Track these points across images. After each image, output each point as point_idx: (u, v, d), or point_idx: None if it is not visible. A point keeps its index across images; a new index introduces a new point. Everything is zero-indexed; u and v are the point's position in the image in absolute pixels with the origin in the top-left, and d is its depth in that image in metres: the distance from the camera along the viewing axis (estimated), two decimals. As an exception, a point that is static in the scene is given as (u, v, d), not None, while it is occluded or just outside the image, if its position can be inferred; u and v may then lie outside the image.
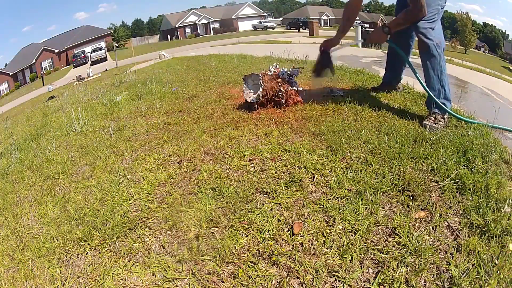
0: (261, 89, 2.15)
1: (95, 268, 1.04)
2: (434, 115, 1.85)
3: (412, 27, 1.85)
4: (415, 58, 2.06)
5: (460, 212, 1.08)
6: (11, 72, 33.23)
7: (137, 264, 1.03)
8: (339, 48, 2.21)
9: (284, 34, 24.37)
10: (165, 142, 1.94)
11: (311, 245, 1.00)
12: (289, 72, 2.34)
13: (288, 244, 1.02)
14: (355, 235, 1.01)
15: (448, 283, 0.83)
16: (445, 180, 1.23)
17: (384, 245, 0.97)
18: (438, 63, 1.82)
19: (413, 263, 0.89)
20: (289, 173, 1.39)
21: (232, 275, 0.94)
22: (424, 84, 1.89)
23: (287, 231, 1.07)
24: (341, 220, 1.08)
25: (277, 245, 1.02)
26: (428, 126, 1.77)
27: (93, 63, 26.16)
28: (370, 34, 2.01)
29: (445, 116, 1.85)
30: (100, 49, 29.59)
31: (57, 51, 34.90)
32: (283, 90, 2.19)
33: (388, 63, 2.43)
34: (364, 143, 1.58)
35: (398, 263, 0.90)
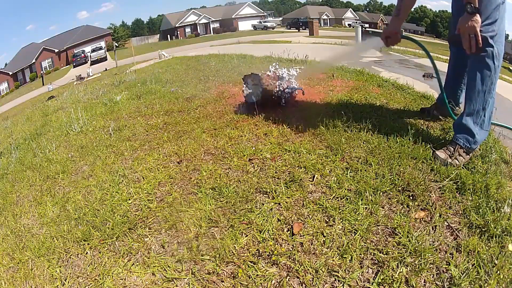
0: (261, 89, 2.15)
1: (95, 268, 1.04)
2: (454, 146, 1.42)
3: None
4: (415, 58, 2.02)
5: (460, 212, 1.08)
6: (11, 71, 33.21)
7: (137, 264, 1.03)
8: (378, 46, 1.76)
9: (284, 34, 24.34)
10: (165, 142, 1.94)
11: (311, 245, 1.00)
12: (289, 72, 2.34)
13: (288, 244, 1.02)
14: (355, 235, 1.01)
15: (448, 283, 0.83)
16: (445, 180, 1.23)
17: (384, 245, 0.97)
18: (489, 78, 1.41)
19: (413, 263, 0.89)
20: (289, 173, 1.39)
21: (232, 275, 0.94)
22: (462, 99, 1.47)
23: (287, 231, 1.07)
24: (341, 220, 1.08)
25: (277, 245, 1.02)
26: (440, 160, 1.38)
27: (93, 62, 26.14)
28: (460, 24, 1.35)
29: (470, 153, 1.42)
30: (100, 48, 29.58)
31: (57, 50, 34.89)
32: (282, 90, 2.19)
33: (449, 78, 1.85)
34: (364, 143, 1.57)
35: (398, 263, 0.89)
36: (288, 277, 0.90)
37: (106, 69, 15.93)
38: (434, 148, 1.46)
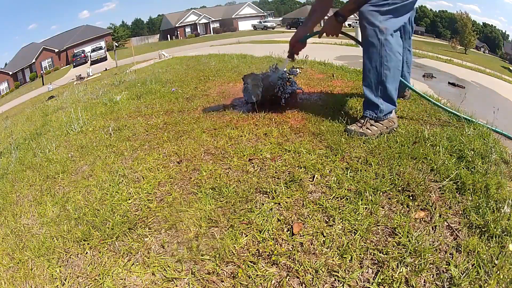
0: (260, 89, 2.15)
1: (95, 268, 1.04)
2: (363, 119, 1.64)
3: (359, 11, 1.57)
4: (415, 58, 2.03)
5: (460, 212, 1.08)
6: (11, 71, 33.25)
7: (137, 263, 1.03)
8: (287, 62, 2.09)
9: (284, 34, 24.34)
10: (165, 141, 1.93)
11: (311, 245, 1.00)
12: (288, 72, 2.34)
13: (288, 244, 1.02)
14: (354, 235, 1.01)
15: (447, 283, 0.83)
16: (445, 180, 1.23)
17: (384, 245, 0.97)
18: (377, 53, 1.53)
19: (412, 263, 0.89)
20: (288, 173, 1.39)
21: (232, 275, 0.94)
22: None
23: (287, 231, 1.07)
24: (341, 220, 1.08)
25: (276, 245, 1.02)
26: (352, 132, 1.60)
27: (93, 62, 26.20)
28: (323, 27, 1.71)
29: (381, 121, 1.62)
30: (100, 48, 29.64)
31: (57, 50, 34.94)
32: (282, 90, 2.19)
33: None
34: (364, 143, 1.57)
35: (397, 263, 0.90)
36: (288, 277, 0.90)
37: (106, 69, 15.95)
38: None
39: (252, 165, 1.50)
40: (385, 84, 1.57)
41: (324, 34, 1.76)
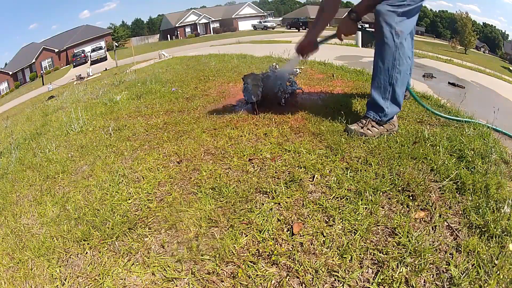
0: (260, 89, 2.15)
1: (95, 268, 1.04)
2: (365, 120, 1.62)
3: (374, 10, 1.55)
4: (416, 59, 2.03)
5: (460, 212, 1.08)
6: (11, 71, 33.26)
7: (137, 263, 1.03)
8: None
9: (284, 34, 24.36)
10: (164, 141, 1.93)
11: (311, 245, 1.00)
12: (288, 72, 2.34)
13: (288, 244, 1.02)
14: (354, 235, 1.01)
15: (447, 283, 0.83)
16: (445, 180, 1.23)
17: (384, 245, 0.97)
18: (391, 54, 1.52)
19: (412, 263, 0.89)
20: (288, 173, 1.39)
21: (232, 275, 0.94)
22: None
23: (287, 231, 1.07)
24: (341, 220, 1.08)
25: (276, 245, 1.02)
26: (352, 131, 1.59)
27: (93, 62, 26.22)
28: (338, 28, 1.71)
29: (383, 124, 1.62)
30: (100, 48, 29.66)
31: (57, 50, 34.94)
32: (282, 90, 2.19)
33: None
34: (363, 143, 1.58)
35: (397, 263, 0.90)
36: (288, 277, 0.90)
37: (106, 69, 15.96)
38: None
39: (252, 165, 1.50)
40: (394, 87, 1.57)
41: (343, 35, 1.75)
